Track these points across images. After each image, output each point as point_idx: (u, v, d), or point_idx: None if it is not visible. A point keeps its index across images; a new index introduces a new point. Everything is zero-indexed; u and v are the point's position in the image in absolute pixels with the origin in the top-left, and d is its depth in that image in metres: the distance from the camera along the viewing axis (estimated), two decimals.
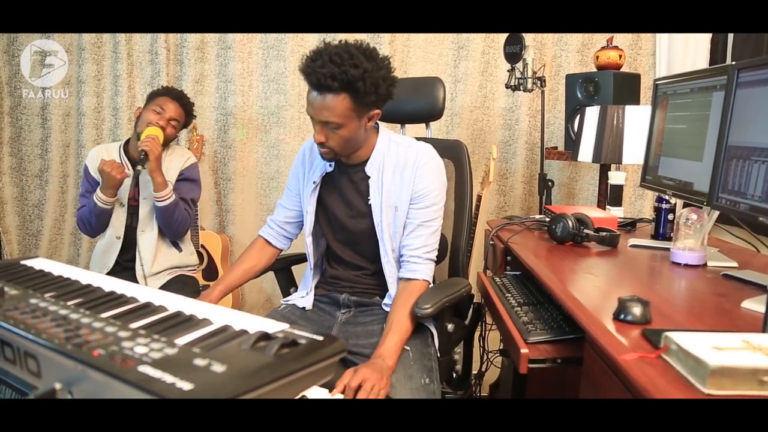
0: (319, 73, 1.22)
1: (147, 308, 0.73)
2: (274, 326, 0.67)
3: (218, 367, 0.53)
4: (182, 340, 0.61)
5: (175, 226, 1.95)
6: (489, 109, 2.91)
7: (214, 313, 0.71)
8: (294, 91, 2.89)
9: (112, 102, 2.81)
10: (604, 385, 0.93)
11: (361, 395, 1.15)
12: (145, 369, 0.52)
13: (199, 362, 0.54)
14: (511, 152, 2.92)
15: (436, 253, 1.45)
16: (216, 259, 2.81)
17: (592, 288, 1.21)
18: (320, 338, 0.63)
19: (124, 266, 2.01)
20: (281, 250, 1.63)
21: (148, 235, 1.97)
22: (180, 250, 2.06)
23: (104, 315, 0.69)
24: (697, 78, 1.40)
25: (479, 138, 2.93)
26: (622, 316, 0.96)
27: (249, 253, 1.58)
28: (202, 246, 2.71)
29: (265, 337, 0.61)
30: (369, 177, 1.43)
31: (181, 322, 0.68)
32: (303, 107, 2.91)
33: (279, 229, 1.59)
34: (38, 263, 0.96)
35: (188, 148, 2.74)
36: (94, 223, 1.97)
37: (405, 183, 1.41)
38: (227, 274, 1.55)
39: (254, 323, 0.68)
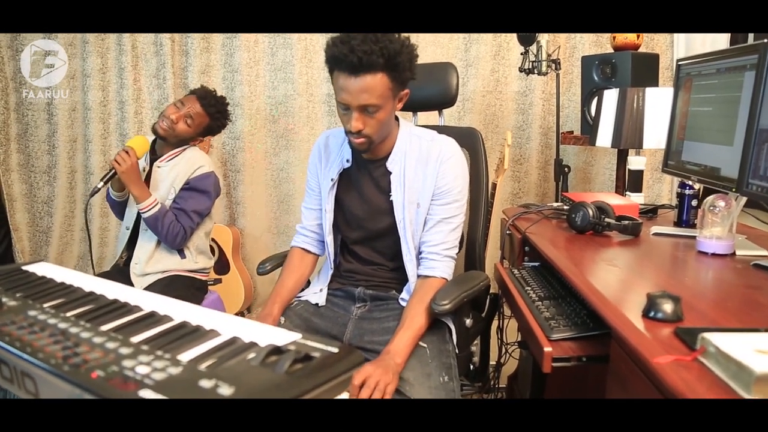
0: (360, 51, 1.15)
1: (151, 318, 0.69)
2: (285, 337, 0.63)
3: (225, 390, 0.49)
4: (187, 356, 0.58)
5: (162, 237, 1.88)
6: (501, 93, 2.84)
7: (222, 323, 0.67)
8: (302, 80, 2.84)
9: (117, 95, 2.78)
10: (632, 385, 0.89)
11: (364, 393, 1.10)
12: (146, 393, 0.48)
13: (205, 384, 0.50)
14: (525, 137, 2.85)
15: (456, 250, 1.40)
16: (227, 252, 2.78)
17: (616, 281, 1.16)
18: (335, 350, 0.59)
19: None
20: (320, 256, 1.57)
21: (149, 235, 1.92)
22: (183, 256, 1.98)
23: (106, 327, 0.65)
24: (724, 57, 1.33)
25: (492, 123, 2.86)
26: (651, 314, 0.90)
27: (291, 265, 1.52)
28: (213, 239, 2.68)
29: (276, 351, 0.57)
30: (390, 172, 1.37)
31: (186, 334, 0.64)
32: (312, 96, 2.86)
33: (313, 234, 1.53)
34: (40, 269, 0.92)
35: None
36: (113, 210, 2.08)
37: (428, 178, 1.35)
38: (280, 289, 1.47)
39: (264, 333, 0.64)
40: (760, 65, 1.17)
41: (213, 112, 1.98)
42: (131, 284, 1.88)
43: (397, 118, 1.42)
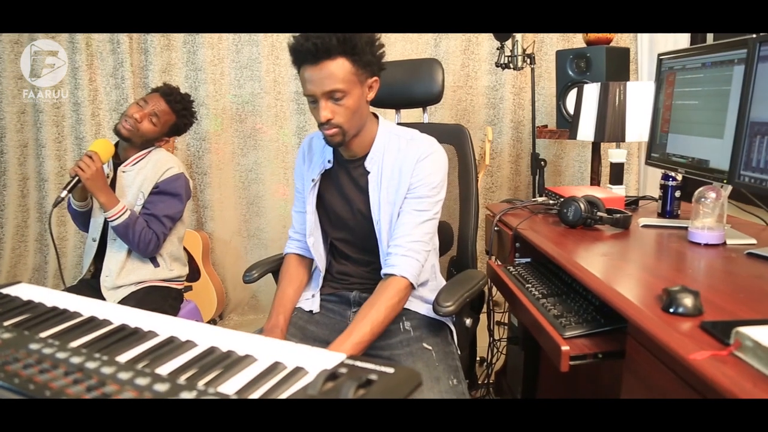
0: (314, 37, 1.17)
1: (172, 344, 0.63)
2: (329, 358, 0.58)
3: None
4: (232, 388, 0.52)
5: (134, 245, 1.77)
6: (472, 88, 2.84)
7: (253, 345, 0.61)
8: (269, 78, 2.75)
9: (72, 96, 2.62)
10: (655, 380, 0.88)
11: None
12: None
13: None
14: (497, 132, 2.86)
15: (423, 247, 1.30)
16: (197, 258, 2.67)
17: (622, 276, 1.16)
18: (391, 371, 0.54)
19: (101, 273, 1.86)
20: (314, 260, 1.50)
21: (118, 245, 1.81)
22: (156, 265, 1.87)
23: (124, 358, 0.59)
24: (710, 52, 1.35)
25: (463, 119, 2.86)
26: (672, 309, 0.90)
27: (289, 273, 1.46)
28: None
29: (331, 376, 0.52)
30: (369, 172, 1.33)
31: (219, 360, 0.58)
32: (279, 94, 2.78)
33: (305, 239, 1.46)
34: (23, 291, 0.84)
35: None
36: (75, 222, 1.94)
37: (404, 177, 1.31)
38: (281, 299, 1.41)
39: (304, 356, 0.59)
40: (749, 60, 1.20)
41: (179, 109, 1.88)
42: (102, 298, 1.76)
43: (376, 116, 1.38)
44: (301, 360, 0.57)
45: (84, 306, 0.75)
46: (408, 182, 1.31)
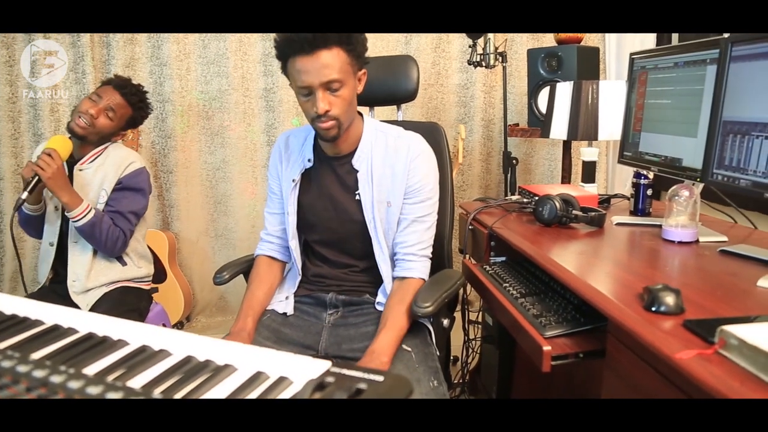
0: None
1: (144, 354, 0.59)
2: (313, 366, 0.55)
3: None
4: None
5: (101, 244, 1.70)
6: (443, 86, 2.83)
7: (230, 354, 0.58)
8: (237, 74, 2.68)
9: (29, 91, 2.49)
10: (637, 379, 0.88)
11: None
12: None
13: None
14: (467, 130, 2.86)
15: (431, 249, 1.36)
16: (163, 259, 2.59)
17: (602, 274, 1.16)
18: (380, 378, 0.51)
19: (63, 277, 1.77)
20: (287, 263, 1.47)
21: (80, 247, 1.73)
22: (123, 263, 1.80)
23: (92, 370, 0.54)
24: (683, 52, 1.37)
25: (434, 117, 2.86)
26: (654, 308, 0.90)
27: (259, 276, 1.42)
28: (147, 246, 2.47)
29: (318, 387, 0.49)
30: (357, 170, 1.30)
31: (197, 371, 0.54)
32: (248, 91, 2.71)
33: (278, 241, 1.43)
34: None
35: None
36: (25, 227, 1.80)
37: (398, 177, 1.30)
38: (250, 301, 1.37)
39: (287, 364, 0.56)
40: (722, 60, 1.22)
41: (135, 102, 1.80)
42: (71, 304, 1.68)
43: (360, 114, 1.36)
44: (284, 369, 0.54)
45: (46, 313, 0.69)
46: (404, 183, 1.30)
